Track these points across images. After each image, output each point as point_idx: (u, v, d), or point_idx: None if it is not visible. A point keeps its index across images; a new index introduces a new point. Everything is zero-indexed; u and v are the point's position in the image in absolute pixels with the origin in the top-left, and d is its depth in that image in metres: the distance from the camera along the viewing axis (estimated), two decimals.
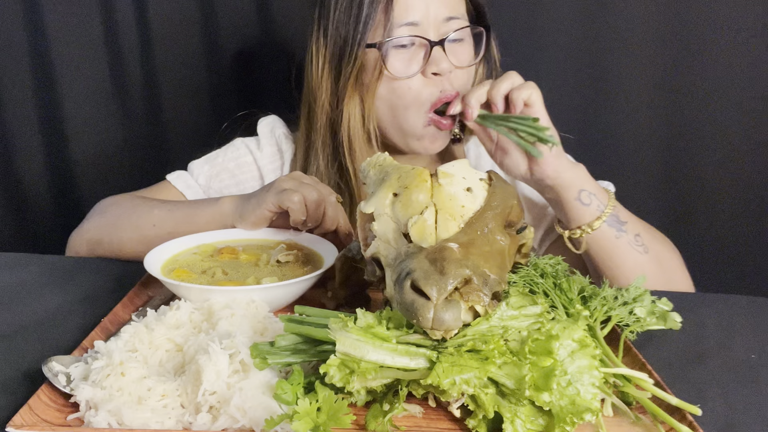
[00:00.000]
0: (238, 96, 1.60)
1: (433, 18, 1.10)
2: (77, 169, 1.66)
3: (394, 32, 1.08)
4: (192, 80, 1.59)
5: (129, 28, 1.56)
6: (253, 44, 1.57)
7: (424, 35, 1.09)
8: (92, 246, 1.13)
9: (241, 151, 1.28)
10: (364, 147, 1.15)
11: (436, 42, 1.09)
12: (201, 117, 1.61)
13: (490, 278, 0.63)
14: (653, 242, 1.05)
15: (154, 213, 1.10)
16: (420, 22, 1.09)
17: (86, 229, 1.16)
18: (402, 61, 1.10)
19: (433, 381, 0.59)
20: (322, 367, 0.62)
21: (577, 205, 1.01)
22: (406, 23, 1.09)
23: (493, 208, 0.69)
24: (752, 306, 0.95)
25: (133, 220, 1.10)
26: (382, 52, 1.09)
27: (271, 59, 1.57)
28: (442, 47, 1.09)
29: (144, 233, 1.07)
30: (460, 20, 1.12)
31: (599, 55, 1.50)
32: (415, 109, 1.11)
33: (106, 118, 1.62)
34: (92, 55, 1.58)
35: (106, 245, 1.11)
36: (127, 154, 1.64)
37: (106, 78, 1.59)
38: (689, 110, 1.51)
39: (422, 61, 1.09)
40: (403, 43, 1.10)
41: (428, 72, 1.10)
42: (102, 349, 0.69)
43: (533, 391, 0.59)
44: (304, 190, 0.96)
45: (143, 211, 1.11)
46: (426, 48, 1.09)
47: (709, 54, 1.47)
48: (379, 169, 0.77)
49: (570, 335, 0.62)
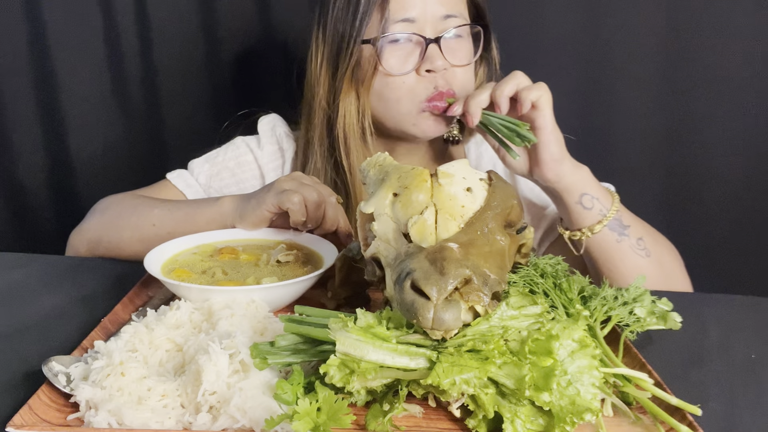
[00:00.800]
0: (238, 95, 1.60)
1: (431, 15, 1.10)
2: (77, 169, 1.66)
3: (389, 28, 1.09)
4: (191, 79, 1.59)
5: (128, 27, 1.56)
6: (252, 43, 1.57)
7: (420, 32, 1.09)
8: (92, 245, 1.13)
9: (242, 150, 1.28)
10: (358, 143, 1.16)
11: (431, 39, 1.09)
12: (200, 116, 1.61)
13: (490, 278, 0.63)
14: (655, 246, 1.05)
15: (154, 212, 1.09)
16: (416, 19, 1.09)
17: (86, 228, 1.16)
18: (397, 58, 1.10)
19: (433, 381, 0.59)
20: (322, 367, 0.62)
21: (579, 209, 1.01)
22: (402, 20, 1.09)
23: (492, 208, 0.69)
24: (752, 306, 0.95)
25: (132, 219, 1.10)
26: (377, 48, 1.09)
27: (272, 58, 1.57)
28: (438, 45, 1.09)
29: (143, 233, 1.07)
30: (458, 18, 1.12)
31: (599, 56, 1.50)
32: (408, 100, 1.12)
33: (106, 117, 1.62)
34: (92, 54, 1.57)
35: (105, 244, 1.11)
36: (127, 154, 1.64)
37: (105, 77, 1.59)
38: (689, 110, 1.51)
39: (418, 58, 1.10)
40: (399, 40, 1.10)
41: (422, 69, 1.10)
42: (102, 349, 0.69)
43: (533, 391, 0.59)
44: (304, 191, 0.96)
45: (143, 211, 1.10)
46: (422, 45, 1.09)
47: (710, 54, 1.47)
48: (379, 169, 0.77)
49: (570, 335, 0.62)
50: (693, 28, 1.46)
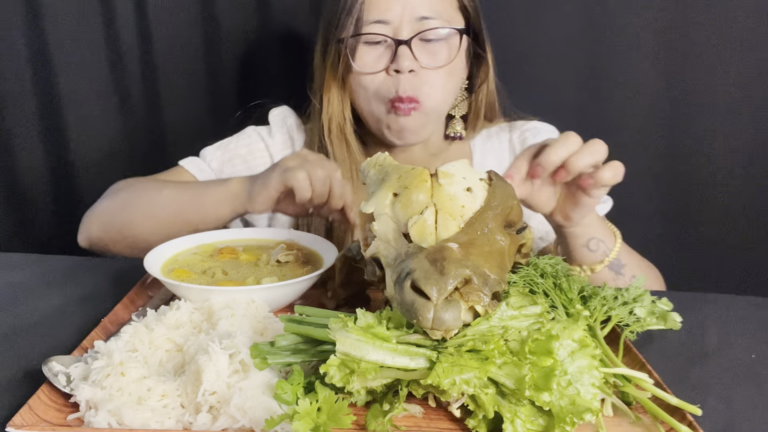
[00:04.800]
0: (238, 95, 1.60)
1: (408, 16, 1.11)
2: (77, 169, 1.66)
3: (363, 29, 1.11)
4: (192, 76, 1.59)
5: (129, 23, 1.55)
6: (253, 39, 1.57)
7: (394, 33, 1.11)
8: (104, 227, 1.13)
9: (253, 138, 1.31)
10: (339, 134, 1.21)
11: (401, 41, 1.10)
12: (201, 116, 1.61)
13: (490, 278, 0.63)
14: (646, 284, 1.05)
15: (163, 194, 1.10)
16: (391, 21, 1.11)
17: (99, 209, 1.16)
18: (370, 57, 1.13)
19: (433, 381, 0.59)
20: (322, 367, 0.62)
21: (584, 251, 0.98)
22: (376, 21, 1.11)
23: (493, 208, 0.69)
24: (752, 306, 0.95)
25: (143, 201, 1.11)
26: (347, 48, 1.12)
27: (273, 55, 1.57)
28: (409, 46, 1.10)
29: (154, 214, 1.07)
30: (436, 20, 1.12)
31: (599, 56, 1.50)
32: (377, 100, 1.15)
33: (106, 117, 1.62)
34: (92, 52, 1.57)
35: (117, 226, 1.11)
36: (127, 154, 1.64)
37: (105, 77, 1.59)
38: (689, 111, 1.51)
39: (387, 58, 1.12)
40: (368, 41, 1.13)
41: (391, 69, 1.12)
42: (102, 349, 0.69)
43: (533, 391, 0.59)
44: (309, 167, 0.96)
45: (153, 193, 1.11)
46: (393, 46, 1.11)
47: (710, 54, 1.47)
48: (379, 169, 0.77)
49: (570, 335, 0.62)
50: (694, 28, 1.46)
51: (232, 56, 1.58)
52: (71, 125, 1.62)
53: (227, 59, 1.58)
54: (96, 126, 1.62)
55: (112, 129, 1.63)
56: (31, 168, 1.66)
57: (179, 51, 1.57)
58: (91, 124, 1.62)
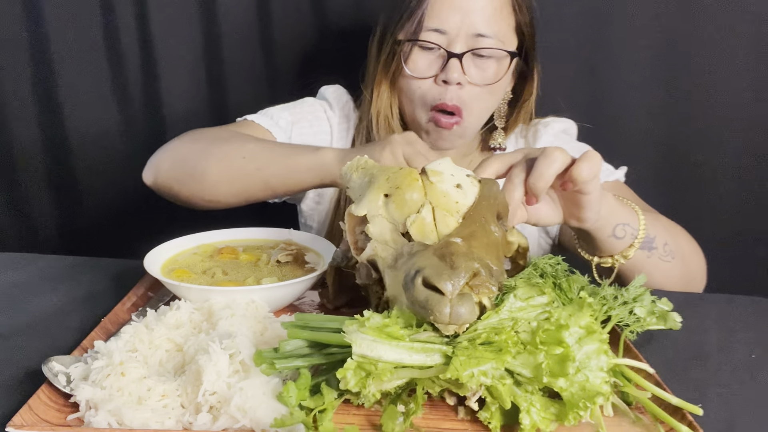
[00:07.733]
0: (238, 94, 1.60)
1: (465, 30, 1.11)
2: (77, 169, 1.65)
3: (420, 35, 1.12)
4: (192, 74, 1.59)
5: (129, 23, 1.55)
6: (254, 36, 1.57)
7: (448, 44, 1.12)
8: (176, 164, 1.10)
9: (316, 107, 1.31)
10: (387, 127, 1.22)
11: (453, 54, 1.11)
12: (201, 116, 1.61)
13: (494, 270, 0.64)
14: (677, 246, 1.02)
15: (248, 147, 1.08)
16: (448, 31, 1.12)
17: (175, 146, 1.13)
18: (422, 63, 1.14)
19: (452, 374, 0.58)
20: (338, 372, 0.61)
21: (612, 241, 0.94)
22: (434, 29, 1.12)
23: (486, 199, 0.70)
24: (752, 306, 0.95)
25: (224, 147, 1.08)
26: (404, 50, 1.14)
27: (273, 51, 1.57)
28: (460, 60, 1.11)
29: (231, 163, 1.05)
30: (491, 39, 1.12)
31: (599, 55, 1.50)
32: (420, 106, 1.17)
33: (107, 117, 1.61)
34: (92, 49, 1.57)
35: (189, 168, 1.08)
36: (127, 153, 1.64)
37: (106, 76, 1.59)
38: (690, 109, 1.51)
39: (438, 67, 1.13)
40: (423, 46, 1.14)
41: (439, 79, 1.14)
42: (102, 349, 0.70)
43: (550, 378, 0.59)
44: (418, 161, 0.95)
45: (236, 143, 1.09)
46: (445, 56, 1.12)
47: (710, 54, 1.47)
48: (362, 172, 0.77)
49: (576, 322, 0.62)
50: (694, 28, 1.46)
51: (231, 52, 1.57)
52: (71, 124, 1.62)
53: (227, 56, 1.57)
54: (96, 125, 1.62)
55: (113, 128, 1.62)
56: (31, 168, 1.66)
57: (179, 50, 1.57)
58: (92, 123, 1.62)
